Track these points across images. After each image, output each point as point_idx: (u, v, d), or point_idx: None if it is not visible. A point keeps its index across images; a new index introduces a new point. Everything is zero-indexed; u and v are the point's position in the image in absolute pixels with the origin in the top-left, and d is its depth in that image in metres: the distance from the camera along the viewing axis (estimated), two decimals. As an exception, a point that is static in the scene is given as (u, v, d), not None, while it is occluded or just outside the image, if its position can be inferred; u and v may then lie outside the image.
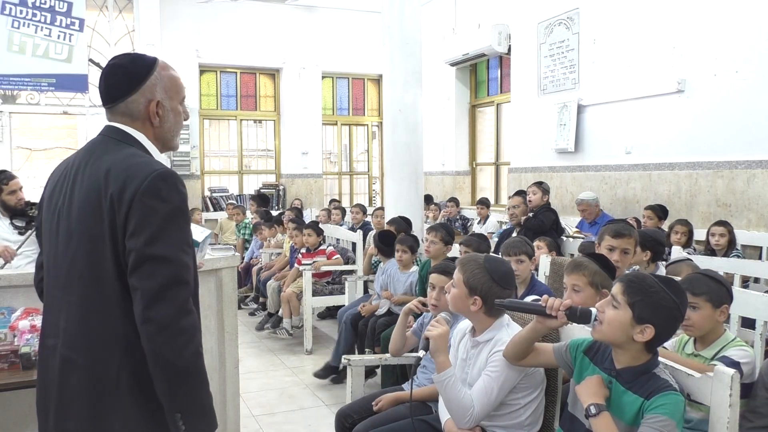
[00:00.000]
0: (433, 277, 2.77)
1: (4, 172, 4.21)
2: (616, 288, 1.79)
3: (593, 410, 1.73)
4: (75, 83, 8.28)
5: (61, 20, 8.07)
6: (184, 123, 1.77)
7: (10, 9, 7.81)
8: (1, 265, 3.73)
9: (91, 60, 8.53)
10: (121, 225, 1.46)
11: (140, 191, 1.45)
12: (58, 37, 8.08)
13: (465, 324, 2.35)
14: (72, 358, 1.50)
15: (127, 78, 1.59)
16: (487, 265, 2.22)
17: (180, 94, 1.68)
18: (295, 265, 5.80)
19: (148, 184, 1.46)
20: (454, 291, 2.22)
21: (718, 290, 2.21)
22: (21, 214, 4.02)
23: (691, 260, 3.57)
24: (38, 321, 2.59)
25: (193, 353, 1.45)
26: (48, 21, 8.01)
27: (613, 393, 1.79)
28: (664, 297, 1.73)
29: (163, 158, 1.66)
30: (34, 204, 4.10)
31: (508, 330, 2.18)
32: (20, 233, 3.99)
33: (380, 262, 4.85)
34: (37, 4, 7.93)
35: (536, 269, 3.61)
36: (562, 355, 1.99)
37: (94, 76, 8.62)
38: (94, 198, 1.50)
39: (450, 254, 4.06)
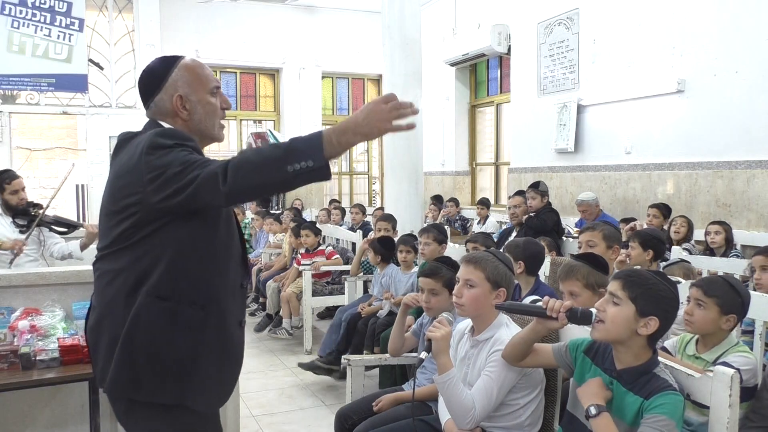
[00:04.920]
0: (422, 281, 2.77)
1: (7, 171, 4.24)
2: (615, 285, 1.80)
3: (593, 411, 1.73)
4: (75, 83, 8.28)
5: (60, 20, 8.07)
6: (225, 112, 1.83)
7: (10, 9, 7.82)
8: (11, 258, 3.84)
9: (90, 60, 8.53)
10: (137, 182, 1.56)
11: (145, 149, 1.57)
12: (58, 37, 8.09)
13: (464, 324, 2.35)
14: None
15: (153, 78, 1.72)
16: (501, 257, 2.27)
17: (206, 86, 1.75)
18: (294, 265, 5.80)
19: (149, 140, 1.57)
20: (475, 291, 2.19)
21: (732, 298, 2.19)
22: (23, 213, 4.04)
23: (688, 262, 3.56)
24: (38, 321, 2.59)
25: (232, 174, 1.47)
26: (48, 21, 8.01)
27: (614, 394, 1.79)
28: (663, 288, 1.76)
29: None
30: (36, 204, 4.12)
31: (508, 329, 2.18)
32: (21, 232, 4.02)
33: (373, 266, 4.84)
34: (37, 4, 7.93)
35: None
36: (561, 356, 1.99)
37: (94, 76, 8.62)
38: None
39: (448, 253, 4.05)
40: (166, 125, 1.70)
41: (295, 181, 1.48)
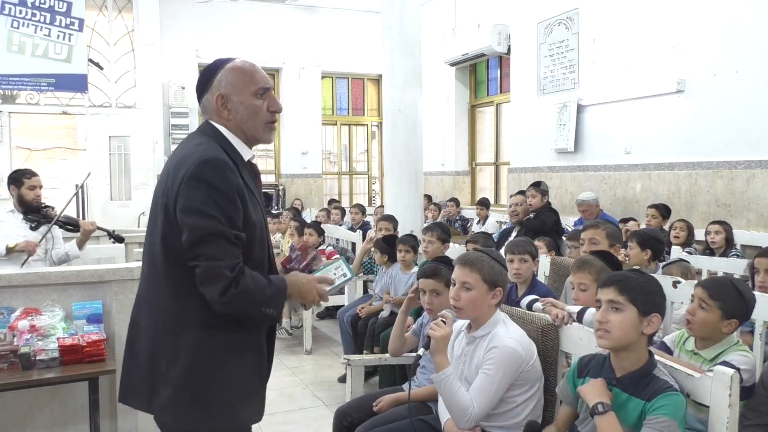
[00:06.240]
0: (422, 282, 2.76)
1: (28, 169, 4.36)
2: (611, 292, 1.80)
3: (600, 408, 1.74)
4: (74, 83, 8.28)
5: (60, 20, 8.07)
6: (275, 115, 1.83)
7: (10, 9, 7.82)
8: (24, 260, 3.90)
9: (90, 60, 8.52)
10: (172, 206, 1.63)
11: (187, 175, 1.60)
12: (58, 37, 8.08)
13: (460, 323, 2.35)
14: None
15: (202, 79, 1.79)
16: (495, 256, 2.27)
17: (249, 87, 1.76)
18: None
19: (194, 168, 1.60)
20: (473, 293, 2.18)
21: (736, 303, 2.15)
22: (35, 211, 4.10)
23: (687, 261, 3.57)
24: (38, 321, 2.59)
25: (231, 295, 1.59)
26: (47, 21, 8.01)
27: (615, 401, 1.78)
28: (652, 283, 1.82)
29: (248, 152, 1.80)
30: (48, 206, 4.17)
31: (505, 326, 2.18)
32: (32, 228, 4.09)
33: (377, 264, 4.84)
34: (37, 4, 7.93)
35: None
36: (567, 395, 1.99)
37: (94, 76, 8.61)
38: (163, 185, 1.70)
39: (449, 253, 4.05)
40: (213, 123, 1.76)
41: (261, 320, 1.71)
